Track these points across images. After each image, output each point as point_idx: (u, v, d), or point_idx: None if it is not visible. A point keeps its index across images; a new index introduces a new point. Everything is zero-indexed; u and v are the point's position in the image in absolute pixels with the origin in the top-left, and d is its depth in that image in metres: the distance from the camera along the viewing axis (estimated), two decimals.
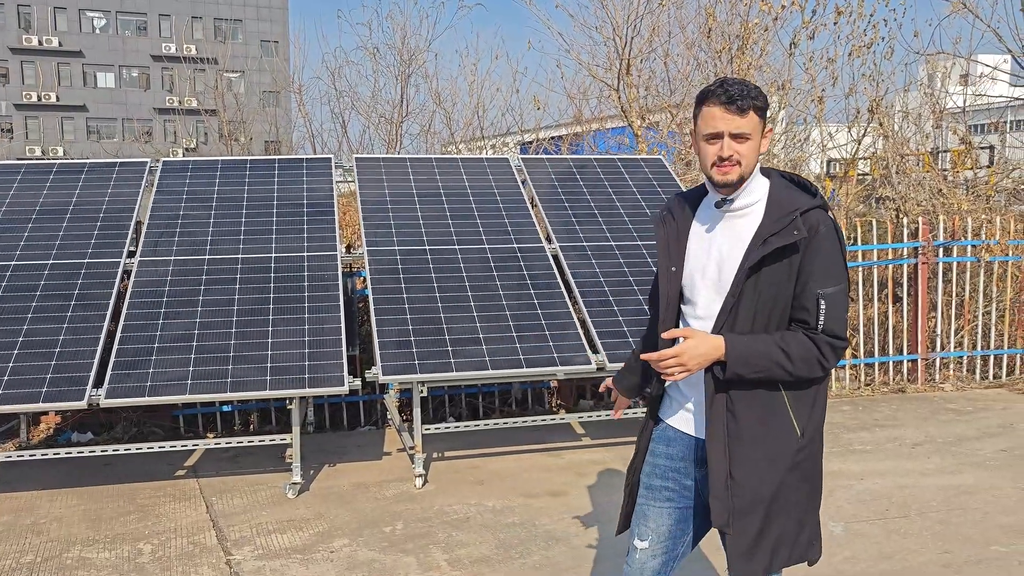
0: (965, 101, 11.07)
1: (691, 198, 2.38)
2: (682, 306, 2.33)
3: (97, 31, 48.46)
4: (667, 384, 2.40)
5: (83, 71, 48.29)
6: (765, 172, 2.28)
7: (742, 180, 2.18)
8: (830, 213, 2.22)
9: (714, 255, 2.24)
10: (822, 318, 2.14)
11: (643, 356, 2.21)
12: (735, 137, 2.15)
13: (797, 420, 2.20)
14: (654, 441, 2.41)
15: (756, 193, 2.23)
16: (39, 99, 47.00)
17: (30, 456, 4.69)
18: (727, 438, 2.19)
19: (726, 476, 2.19)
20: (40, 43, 46.74)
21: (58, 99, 47.54)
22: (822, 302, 2.14)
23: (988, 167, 10.35)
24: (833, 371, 7.08)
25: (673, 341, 2.27)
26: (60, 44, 47.31)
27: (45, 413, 6.15)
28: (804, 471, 2.23)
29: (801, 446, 2.21)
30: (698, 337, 2.15)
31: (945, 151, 11.18)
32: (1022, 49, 10.31)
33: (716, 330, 2.20)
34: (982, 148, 10.90)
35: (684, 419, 2.34)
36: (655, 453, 2.39)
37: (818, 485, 2.30)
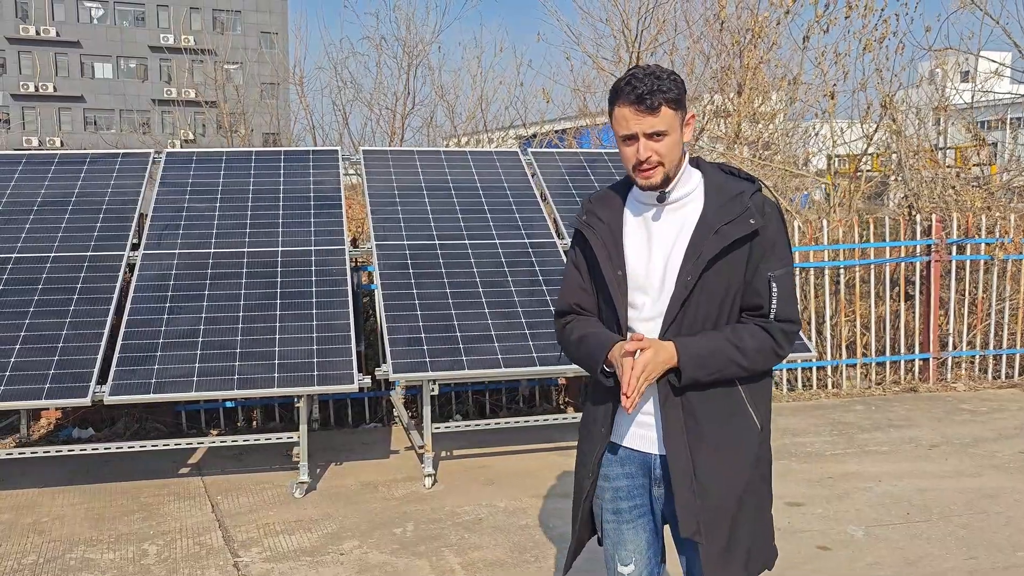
0: (973, 97, 10.98)
1: (616, 194, 2.23)
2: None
3: (95, 21, 48.17)
4: (605, 400, 2.21)
5: (81, 62, 48.02)
6: (694, 162, 2.18)
7: (668, 179, 2.08)
8: (768, 194, 2.14)
9: (657, 251, 2.11)
10: (774, 302, 2.07)
11: (634, 341, 2.02)
12: (651, 136, 2.03)
13: (756, 413, 2.13)
14: (605, 466, 2.23)
15: (691, 182, 2.13)
16: (36, 89, 46.74)
17: (31, 453, 4.59)
18: (688, 442, 2.07)
19: (691, 482, 2.06)
20: (38, 33, 46.45)
21: (55, 90, 47.28)
22: (774, 285, 2.06)
23: (991, 164, 10.26)
24: (845, 369, 7.02)
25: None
26: (58, 34, 47.03)
27: (46, 408, 6.04)
28: (763, 467, 2.16)
29: (762, 439, 2.14)
30: (653, 346, 2.01)
31: (948, 148, 11.10)
32: None
33: (665, 330, 2.08)
34: (991, 144, 10.81)
35: (636, 436, 2.18)
36: (610, 477, 2.22)
37: (771, 485, 2.21)
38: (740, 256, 2.06)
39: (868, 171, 10.37)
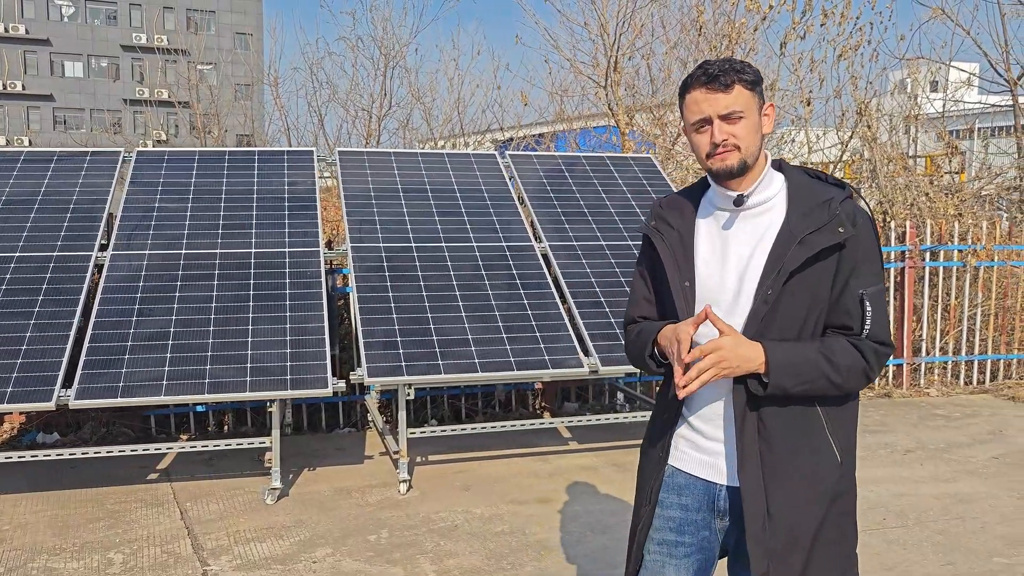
0: (944, 106, 11.11)
1: (687, 199, 2.07)
2: None
3: (65, 19, 47.46)
4: (672, 416, 2.04)
5: (50, 60, 47.26)
6: (776, 164, 2.00)
7: (746, 166, 1.88)
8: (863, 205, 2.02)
9: (733, 261, 1.93)
10: (868, 322, 1.87)
11: (685, 357, 1.83)
12: (725, 118, 1.86)
13: (836, 442, 1.92)
14: (662, 491, 2.05)
15: (773, 186, 1.94)
16: (4, 87, 45.91)
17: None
18: (762, 472, 1.88)
19: (764, 516, 1.87)
20: (6, 30, 45.66)
21: (24, 88, 46.49)
22: (867, 303, 1.87)
23: (959, 172, 10.38)
24: None
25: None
26: (27, 32, 46.26)
27: (8, 412, 5.88)
28: (845, 504, 1.95)
29: (841, 474, 1.92)
30: (734, 335, 1.83)
31: (918, 156, 11.21)
32: (1001, 56, 10.36)
33: None
34: (961, 153, 10.94)
35: (700, 462, 2.00)
36: (664, 504, 2.04)
37: (855, 522, 2.00)
38: (826, 269, 1.86)
39: (842, 178, 10.44)
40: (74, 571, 3.71)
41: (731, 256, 1.94)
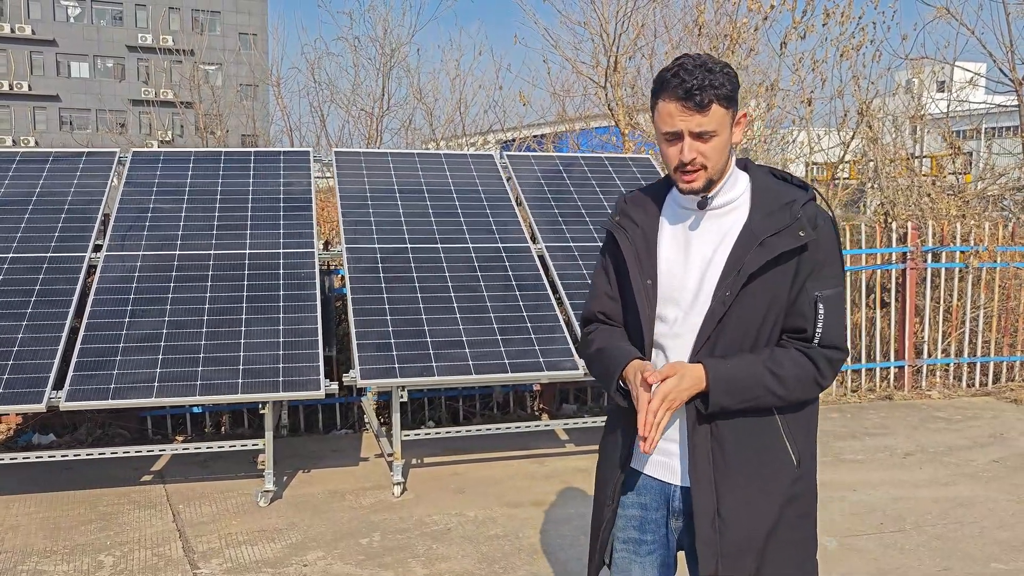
0: (949, 106, 11.04)
1: (652, 195, 2.05)
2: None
3: (71, 20, 47.58)
4: (626, 420, 2.03)
5: (56, 60, 47.39)
6: (742, 164, 1.99)
7: (711, 184, 1.90)
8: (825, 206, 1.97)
9: (695, 260, 1.93)
10: (820, 325, 1.87)
11: (649, 376, 1.86)
12: (698, 136, 1.84)
13: (792, 446, 1.92)
14: (623, 491, 2.09)
15: (737, 187, 1.94)
16: (11, 88, 46.06)
17: None
18: (713, 472, 1.89)
19: (713, 515, 1.88)
20: (12, 31, 45.79)
21: (30, 88, 46.62)
22: (820, 306, 1.87)
23: (966, 173, 10.32)
24: None
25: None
26: (33, 32, 46.39)
27: (5, 413, 5.87)
28: (802, 507, 1.94)
29: (797, 476, 1.92)
30: (678, 372, 1.84)
31: (924, 156, 11.15)
32: (1006, 56, 10.29)
33: (697, 349, 1.90)
34: (966, 153, 10.87)
35: (656, 463, 2.02)
36: (625, 504, 2.07)
37: (815, 525, 2.00)
38: (786, 272, 1.86)
39: (845, 179, 10.39)
40: (64, 574, 3.69)
41: (693, 255, 1.94)
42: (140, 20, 48.15)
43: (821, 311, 1.87)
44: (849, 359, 7.06)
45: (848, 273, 7.03)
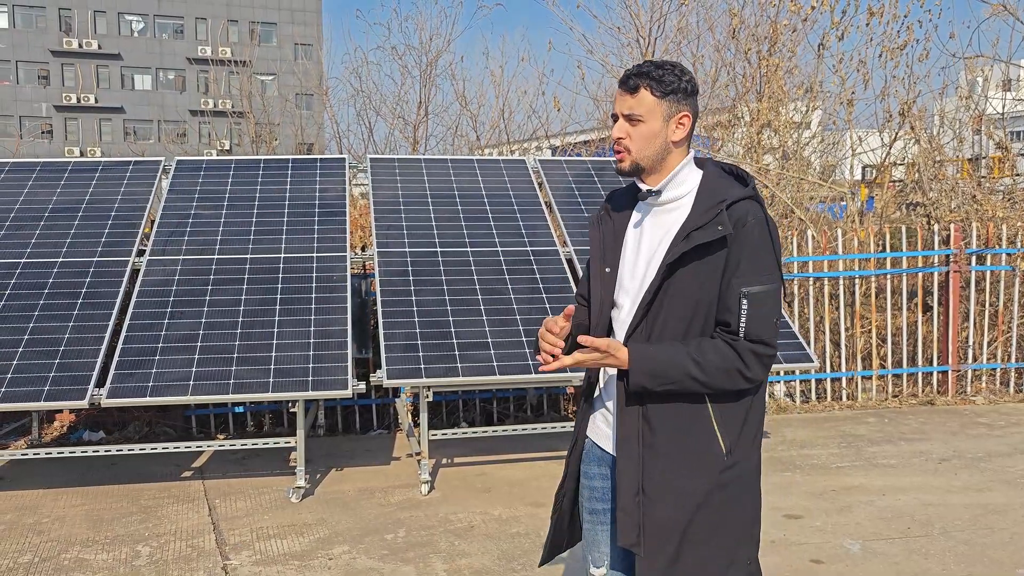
0: (1004, 107, 10.74)
1: (631, 194, 2.17)
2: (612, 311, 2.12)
3: (135, 34, 49.20)
4: (593, 395, 2.21)
5: (121, 73, 49.05)
6: (700, 163, 2.09)
7: (638, 169, 2.03)
8: (763, 205, 2.01)
9: (643, 253, 2.06)
10: (743, 320, 1.93)
11: (582, 339, 1.97)
12: (628, 119, 2.00)
13: (723, 435, 1.98)
14: (585, 463, 2.20)
15: (686, 184, 2.04)
16: (78, 101, 47.81)
17: (34, 455, 4.67)
18: (640, 448, 1.98)
19: (637, 489, 1.97)
20: (80, 46, 47.56)
21: (96, 101, 48.33)
22: (744, 301, 1.93)
23: (1011, 172, 10.01)
24: (861, 381, 6.88)
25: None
26: (99, 47, 48.11)
27: (59, 411, 6.15)
28: (731, 495, 1.99)
29: (727, 465, 1.98)
30: (605, 349, 1.95)
31: (984, 157, 10.86)
32: None
33: (628, 336, 2.01)
34: (1020, 155, 10.56)
35: (601, 433, 2.16)
36: (589, 475, 2.19)
37: (753, 515, 2.05)
38: (714, 266, 1.95)
39: (902, 180, 10.18)
40: (103, 562, 3.88)
41: (643, 248, 2.08)
42: (200, 32, 49.55)
43: (744, 305, 1.93)
44: (890, 363, 6.94)
45: (891, 276, 6.92)
